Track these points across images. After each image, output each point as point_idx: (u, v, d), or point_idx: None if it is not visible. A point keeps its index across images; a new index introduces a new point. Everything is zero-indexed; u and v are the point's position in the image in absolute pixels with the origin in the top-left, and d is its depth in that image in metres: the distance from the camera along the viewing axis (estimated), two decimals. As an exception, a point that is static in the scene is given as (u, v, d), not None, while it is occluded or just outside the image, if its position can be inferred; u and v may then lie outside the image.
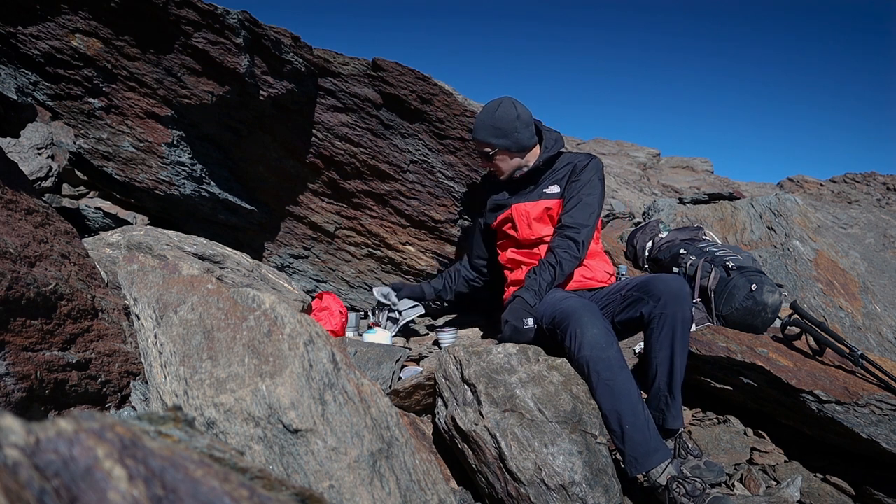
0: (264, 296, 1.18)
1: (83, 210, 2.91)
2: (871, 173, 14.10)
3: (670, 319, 1.67)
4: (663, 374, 1.68)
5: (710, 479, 1.65)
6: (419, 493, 1.09)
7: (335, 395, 1.07)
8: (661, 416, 1.70)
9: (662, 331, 1.67)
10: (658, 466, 1.46)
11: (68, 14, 1.95)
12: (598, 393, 1.55)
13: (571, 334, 1.62)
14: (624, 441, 1.49)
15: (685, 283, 1.73)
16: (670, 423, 1.70)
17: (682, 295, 1.68)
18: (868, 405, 1.69)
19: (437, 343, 2.25)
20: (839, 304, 2.99)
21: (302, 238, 2.75)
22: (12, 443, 0.33)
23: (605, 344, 1.58)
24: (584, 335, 1.59)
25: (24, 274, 1.18)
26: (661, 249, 2.84)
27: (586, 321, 1.61)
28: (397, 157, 2.39)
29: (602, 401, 1.54)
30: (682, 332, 1.67)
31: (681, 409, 1.72)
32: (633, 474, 1.48)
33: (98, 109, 2.24)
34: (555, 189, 2.13)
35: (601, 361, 1.55)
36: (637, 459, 1.46)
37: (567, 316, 1.66)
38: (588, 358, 1.57)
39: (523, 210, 2.13)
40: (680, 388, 1.69)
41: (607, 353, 1.56)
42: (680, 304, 1.67)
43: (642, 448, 1.47)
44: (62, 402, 1.21)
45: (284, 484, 0.47)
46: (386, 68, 2.17)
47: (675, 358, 1.67)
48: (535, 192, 2.15)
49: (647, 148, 14.21)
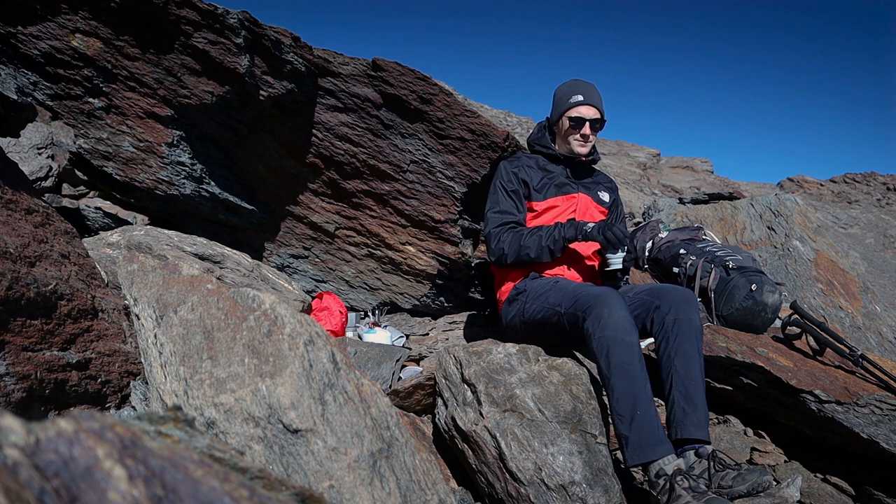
0: (264, 296, 1.18)
1: (83, 210, 2.91)
2: (871, 173, 14.10)
3: (684, 325, 1.67)
4: (679, 383, 1.60)
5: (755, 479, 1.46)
6: (419, 493, 1.09)
7: (335, 395, 1.07)
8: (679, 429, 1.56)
9: (677, 338, 1.66)
10: (662, 459, 1.42)
11: (68, 14, 1.95)
12: (615, 375, 1.50)
13: (598, 315, 1.59)
14: (632, 427, 1.45)
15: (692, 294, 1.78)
16: (691, 432, 1.54)
17: (693, 303, 1.72)
18: (868, 405, 1.69)
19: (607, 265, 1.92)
20: (839, 304, 2.99)
21: (302, 238, 2.75)
22: (12, 443, 0.33)
23: (630, 328, 1.56)
24: (612, 316, 1.56)
25: (24, 274, 1.18)
26: (661, 249, 2.84)
27: (615, 303, 1.59)
28: (397, 157, 2.39)
29: (617, 383, 1.49)
30: (697, 337, 1.67)
31: (706, 420, 1.57)
32: (635, 462, 1.43)
33: (98, 109, 2.24)
34: (606, 197, 2.25)
35: (623, 344, 1.53)
36: (642, 447, 1.43)
37: (595, 298, 1.64)
38: (611, 339, 1.54)
39: (588, 203, 2.17)
40: (703, 397, 1.59)
41: (631, 337, 1.55)
42: (692, 310, 1.70)
43: (649, 437, 1.43)
44: (62, 402, 1.21)
45: (284, 484, 0.47)
46: (386, 68, 2.17)
47: (691, 364, 1.62)
48: (594, 192, 2.21)
49: (647, 148, 14.21)
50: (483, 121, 2.29)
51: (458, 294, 2.83)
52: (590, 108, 2.13)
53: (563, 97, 2.18)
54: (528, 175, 2.12)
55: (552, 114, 2.24)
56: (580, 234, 1.90)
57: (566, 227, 1.93)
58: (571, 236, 1.92)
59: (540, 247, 1.93)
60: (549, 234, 1.93)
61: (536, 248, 1.93)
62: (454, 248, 2.62)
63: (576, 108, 2.13)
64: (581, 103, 2.13)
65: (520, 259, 1.97)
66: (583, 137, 2.14)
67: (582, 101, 2.13)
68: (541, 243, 1.93)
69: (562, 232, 1.92)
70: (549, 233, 1.93)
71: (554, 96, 2.25)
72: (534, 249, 1.93)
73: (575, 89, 2.16)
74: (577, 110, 2.13)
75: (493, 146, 2.33)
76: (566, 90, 2.19)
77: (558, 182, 2.14)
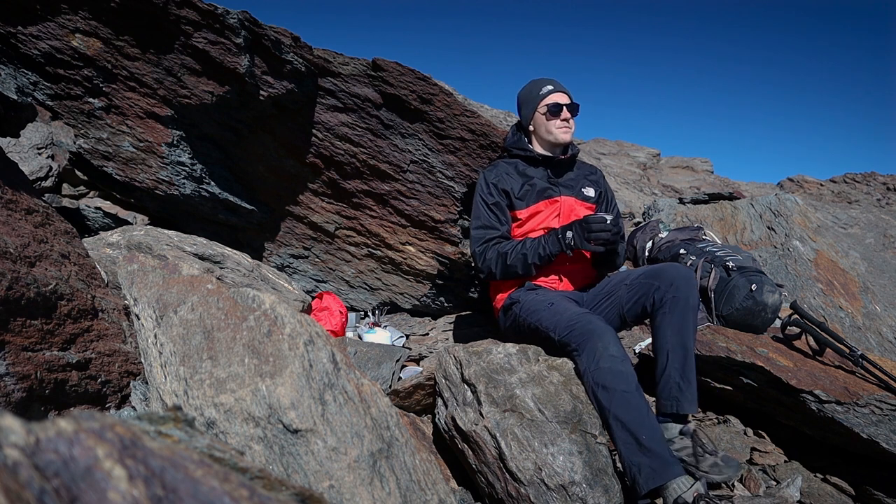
0: (264, 296, 1.18)
1: (83, 210, 2.91)
2: (871, 173, 14.09)
3: (681, 303, 1.71)
4: (675, 359, 1.67)
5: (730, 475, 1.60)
6: (419, 493, 1.09)
7: (335, 395, 1.07)
8: (674, 403, 1.66)
9: (674, 314, 1.70)
10: (677, 479, 1.40)
11: (68, 14, 1.95)
12: (616, 405, 1.50)
13: (592, 349, 1.60)
14: (643, 452, 1.43)
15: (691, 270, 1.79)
16: (685, 408, 1.65)
17: (692, 280, 1.76)
18: (868, 405, 1.69)
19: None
20: (839, 304, 2.99)
21: (302, 238, 2.75)
22: (12, 443, 0.33)
23: (625, 358, 1.58)
24: (606, 350, 1.58)
25: (24, 274, 1.18)
26: (661, 249, 2.84)
27: (610, 339, 1.61)
28: (397, 157, 2.39)
29: (620, 412, 1.49)
30: (693, 315, 1.72)
31: (695, 395, 1.68)
32: (653, 486, 1.40)
33: (98, 109, 2.24)
34: (591, 192, 2.21)
35: (620, 374, 1.53)
36: (656, 470, 1.41)
37: (591, 333, 1.64)
38: (607, 370, 1.54)
39: (572, 204, 2.15)
40: (694, 373, 1.68)
41: (627, 367, 1.56)
42: (691, 288, 1.74)
43: (661, 459, 1.42)
44: (62, 402, 1.21)
45: (284, 484, 0.47)
46: (386, 68, 2.17)
47: (686, 341, 1.68)
48: (577, 190, 2.19)
49: (647, 148, 14.21)
50: (483, 121, 2.29)
51: (458, 294, 2.83)
52: (562, 94, 2.14)
53: (530, 94, 2.17)
54: (509, 184, 2.11)
55: (524, 114, 2.21)
56: (566, 249, 1.91)
57: (549, 242, 1.93)
58: (557, 251, 1.92)
59: (525, 265, 1.96)
60: (533, 252, 1.94)
61: (522, 266, 1.96)
62: (454, 248, 2.62)
63: (549, 97, 2.13)
64: (552, 91, 2.13)
65: (508, 275, 2.00)
66: (564, 122, 2.12)
67: (552, 89, 2.14)
68: (526, 261, 1.95)
69: (546, 249, 1.93)
70: (535, 250, 1.94)
71: (519, 99, 2.24)
72: (520, 267, 1.97)
73: (541, 83, 2.17)
74: (550, 98, 2.13)
75: (493, 146, 2.33)
76: (532, 87, 2.19)
77: (540, 188, 2.12)
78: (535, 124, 2.17)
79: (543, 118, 2.13)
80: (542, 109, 2.13)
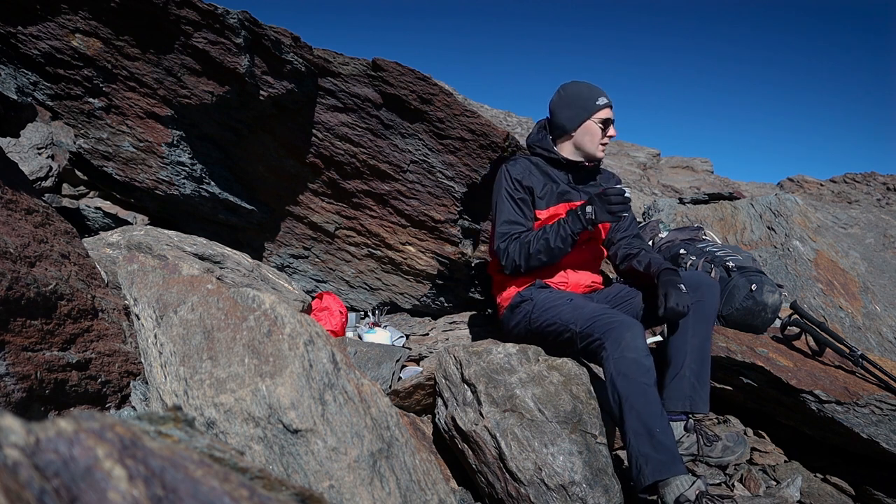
0: (264, 296, 1.18)
1: (83, 210, 2.91)
2: (871, 173, 14.09)
3: (706, 307, 1.78)
4: (693, 361, 1.73)
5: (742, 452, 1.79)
6: (419, 493, 1.09)
7: (335, 395, 1.07)
8: (687, 402, 1.72)
9: (698, 318, 1.76)
10: (680, 477, 1.43)
11: (68, 14, 1.95)
12: (634, 393, 1.52)
13: (618, 338, 1.60)
14: (653, 444, 1.45)
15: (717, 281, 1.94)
16: (699, 408, 1.72)
17: (716, 287, 1.86)
18: (868, 405, 1.69)
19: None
20: (839, 304, 2.99)
21: (302, 238, 2.75)
22: (12, 443, 0.33)
23: (648, 353, 1.59)
24: (634, 340, 1.59)
25: (24, 274, 1.18)
26: (661, 249, 2.84)
27: (638, 331, 1.62)
28: (397, 157, 2.39)
29: (637, 401, 1.51)
30: (714, 322, 1.82)
31: (708, 397, 1.75)
32: (657, 478, 1.43)
33: (98, 109, 2.23)
34: None
35: (643, 366, 1.55)
36: (663, 463, 1.44)
37: (618, 322, 1.65)
38: (631, 360, 1.56)
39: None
40: (709, 377, 1.76)
41: (649, 361, 1.57)
42: (715, 294, 1.84)
43: (669, 454, 1.45)
44: (62, 402, 1.21)
45: (284, 484, 0.47)
46: (386, 68, 2.17)
47: (705, 346, 1.76)
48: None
49: (647, 148, 14.20)
50: (483, 121, 2.29)
51: (458, 294, 2.83)
52: (611, 109, 2.07)
53: (586, 100, 2.06)
54: (532, 181, 2.06)
55: (569, 116, 2.08)
56: (588, 225, 1.87)
57: (570, 221, 1.89)
58: (579, 229, 1.88)
59: (549, 249, 1.90)
60: (556, 235, 1.89)
61: (546, 252, 1.91)
62: (454, 248, 2.62)
63: (605, 111, 2.04)
64: (607, 105, 2.05)
65: (532, 266, 1.95)
66: (608, 139, 2.08)
67: (608, 103, 2.06)
68: (549, 245, 1.90)
69: (567, 229, 1.88)
70: (556, 233, 1.89)
71: (568, 99, 2.10)
72: (545, 253, 1.91)
73: (598, 92, 2.07)
74: (606, 112, 2.04)
75: (493, 146, 2.33)
76: (588, 93, 2.07)
77: (560, 190, 2.08)
78: (582, 131, 2.07)
79: (598, 128, 2.05)
80: (597, 119, 2.04)
